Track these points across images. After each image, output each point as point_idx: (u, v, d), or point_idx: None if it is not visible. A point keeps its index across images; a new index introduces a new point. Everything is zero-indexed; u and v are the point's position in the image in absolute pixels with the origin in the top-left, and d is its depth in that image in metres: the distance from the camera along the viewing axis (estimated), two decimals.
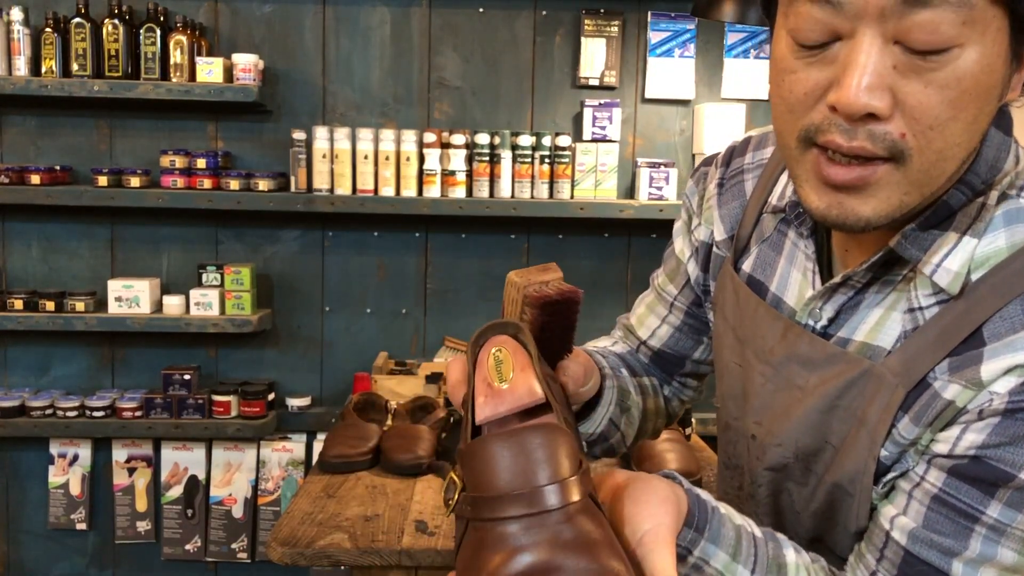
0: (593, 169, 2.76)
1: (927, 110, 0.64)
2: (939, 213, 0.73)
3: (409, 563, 1.45)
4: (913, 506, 0.73)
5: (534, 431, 0.62)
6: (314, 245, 2.89)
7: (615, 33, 2.81)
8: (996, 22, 0.63)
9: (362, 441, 1.90)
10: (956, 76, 0.64)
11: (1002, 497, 0.69)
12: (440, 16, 2.83)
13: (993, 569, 0.70)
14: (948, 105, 0.64)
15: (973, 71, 0.64)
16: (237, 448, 2.89)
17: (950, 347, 0.72)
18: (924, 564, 0.72)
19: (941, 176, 0.68)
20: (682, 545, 0.72)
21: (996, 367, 0.69)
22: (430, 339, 2.92)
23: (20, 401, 2.76)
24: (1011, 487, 0.68)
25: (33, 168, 2.66)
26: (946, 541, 0.71)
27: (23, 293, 2.71)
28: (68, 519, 2.91)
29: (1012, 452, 0.68)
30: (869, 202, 0.68)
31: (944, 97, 0.64)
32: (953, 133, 0.66)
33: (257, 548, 2.90)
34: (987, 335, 0.70)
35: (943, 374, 0.72)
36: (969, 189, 0.72)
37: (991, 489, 0.69)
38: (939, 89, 0.64)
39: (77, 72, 2.61)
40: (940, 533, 0.71)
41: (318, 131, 2.68)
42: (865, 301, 0.78)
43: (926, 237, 0.73)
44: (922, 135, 0.65)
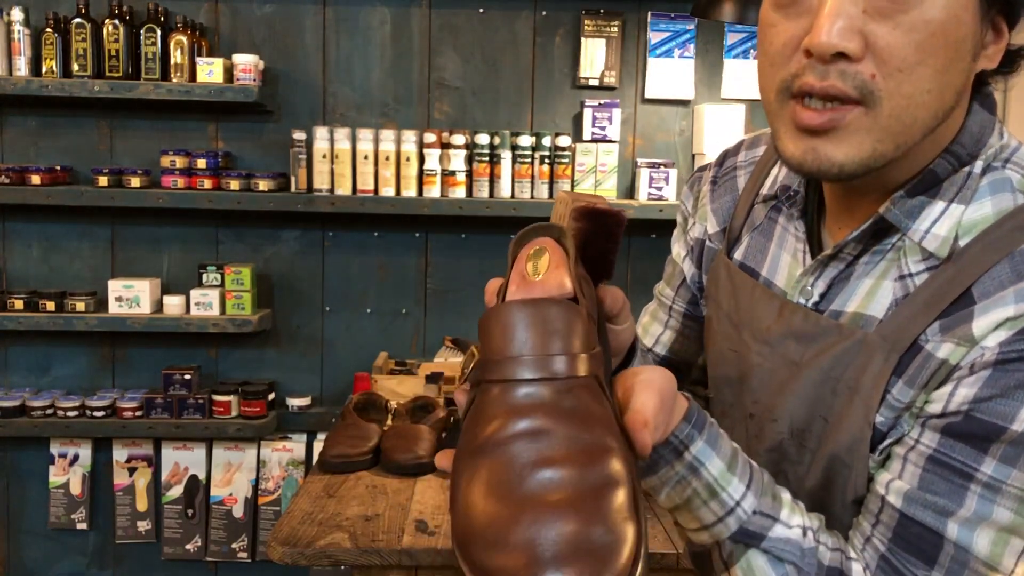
0: (593, 169, 2.76)
1: (895, 51, 0.68)
2: (926, 181, 0.76)
3: (409, 563, 1.45)
4: (908, 469, 0.74)
5: (554, 304, 0.63)
6: (314, 245, 2.89)
7: (615, 33, 2.81)
8: None
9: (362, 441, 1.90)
10: (923, 19, 0.67)
11: (995, 453, 0.69)
12: (440, 16, 2.83)
13: (990, 529, 0.70)
14: (916, 48, 0.68)
15: (939, 18, 0.68)
16: (237, 448, 2.89)
17: (940, 309, 0.73)
18: (918, 526, 0.72)
19: (913, 125, 0.71)
20: (679, 438, 0.72)
21: (987, 322, 0.71)
22: (430, 339, 2.93)
23: (20, 401, 2.76)
24: (1004, 441, 0.69)
25: (33, 168, 2.66)
26: (940, 501, 0.71)
27: (23, 293, 2.71)
28: (68, 519, 2.91)
29: (1003, 404, 0.69)
30: (841, 147, 0.71)
31: (911, 39, 0.68)
32: (921, 77, 0.69)
33: (257, 548, 2.90)
34: (977, 294, 0.72)
35: (935, 335, 0.74)
36: (955, 159, 0.76)
37: (984, 445, 0.70)
38: (906, 31, 0.68)
39: (77, 72, 2.62)
40: (935, 493, 0.71)
41: (318, 131, 2.68)
42: (856, 272, 0.80)
43: (915, 204, 0.76)
44: (891, 77, 0.69)
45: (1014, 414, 0.69)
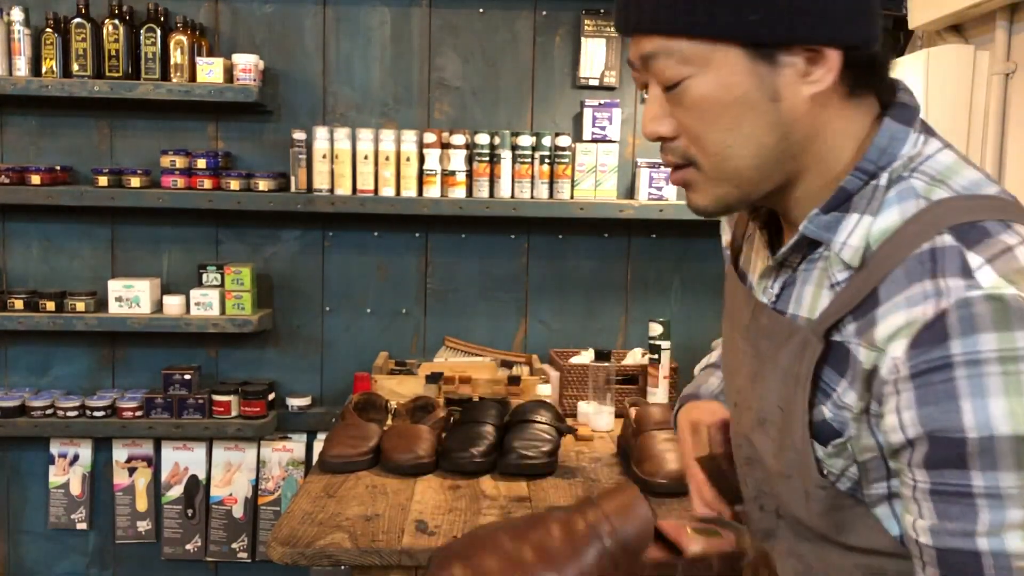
0: (593, 169, 2.76)
1: (689, 127, 0.86)
2: (838, 197, 0.85)
3: (409, 563, 1.45)
4: (923, 507, 0.78)
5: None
6: (314, 245, 2.89)
7: (615, 33, 2.81)
8: (722, 54, 0.82)
9: (362, 441, 1.90)
10: (694, 99, 0.84)
11: (975, 464, 0.74)
12: (440, 16, 2.83)
13: (1012, 529, 0.73)
14: (699, 120, 0.85)
15: (709, 92, 0.83)
16: (237, 448, 2.89)
17: (853, 306, 0.82)
18: (955, 553, 0.76)
19: (738, 171, 0.86)
20: None
21: (886, 329, 0.78)
22: (430, 339, 2.93)
23: (20, 401, 2.76)
24: (973, 452, 0.73)
25: (33, 168, 2.66)
26: (959, 525, 0.75)
27: (23, 293, 2.71)
28: (68, 519, 2.91)
29: (946, 417, 0.74)
30: (696, 196, 0.90)
31: (694, 116, 0.85)
32: (716, 140, 0.85)
33: (257, 548, 2.90)
34: (881, 296, 0.79)
35: (853, 337, 0.82)
36: (864, 173, 0.84)
37: (961, 462, 0.74)
38: (687, 111, 0.85)
39: (77, 72, 2.62)
40: (952, 519, 0.75)
41: (318, 131, 2.68)
42: (799, 279, 0.91)
43: (831, 219, 0.85)
44: (695, 144, 0.86)
45: (956, 421, 0.73)
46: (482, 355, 2.82)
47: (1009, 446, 0.72)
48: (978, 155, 2.22)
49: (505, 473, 1.82)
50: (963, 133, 2.22)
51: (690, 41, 0.83)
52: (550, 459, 1.86)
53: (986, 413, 0.73)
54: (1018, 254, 0.76)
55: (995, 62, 2.18)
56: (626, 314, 2.93)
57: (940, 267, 0.76)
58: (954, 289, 0.74)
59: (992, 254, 0.76)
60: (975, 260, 0.75)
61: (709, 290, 2.94)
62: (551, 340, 2.92)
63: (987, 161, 2.19)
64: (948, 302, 0.74)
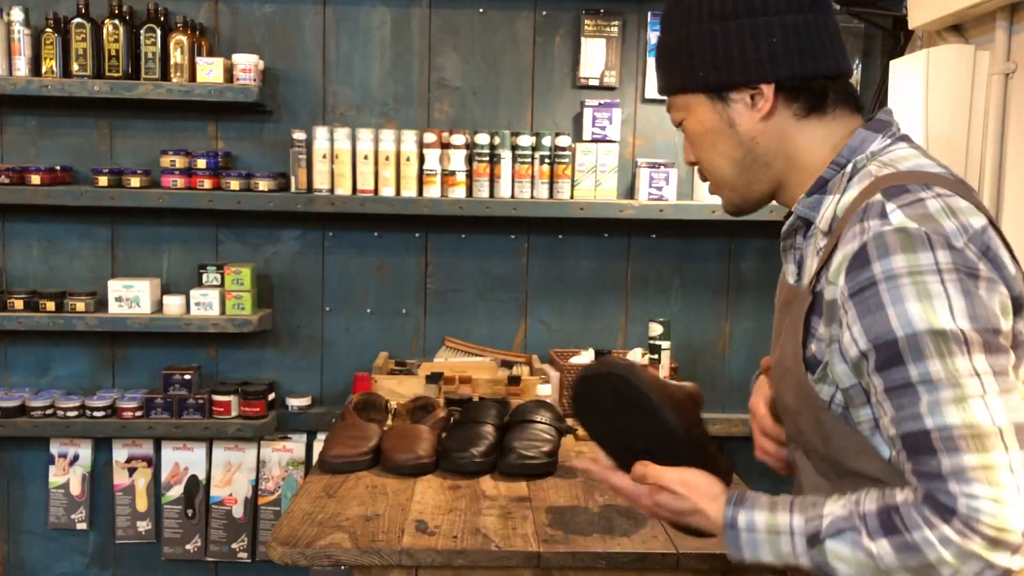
0: (593, 169, 2.76)
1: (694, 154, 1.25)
2: (818, 184, 1.15)
3: (409, 563, 1.45)
4: (885, 407, 1.00)
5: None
6: (314, 245, 2.89)
7: (615, 33, 2.81)
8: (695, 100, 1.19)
9: (362, 441, 1.90)
10: (688, 133, 1.23)
11: (907, 359, 0.97)
12: (440, 16, 2.83)
13: (948, 406, 0.95)
14: (695, 147, 1.23)
15: (693, 128, 1.21)
16: (237, 448, 2.89)
17: (824, 261, 1.08)
18: (911, 436, 0.97)
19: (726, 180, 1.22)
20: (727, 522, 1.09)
21: (834, 267, 1.04)
22: (430, 339, 2.93)
23: (20, 401, 2.76)
24: (903, 348, 0.97)
25: (33, 168, 2.66)
26: (909, 411, 0.97)
27: (23, 293, 2.71)
28: (68, 519, 2.92)
29: (878, 324, 0.98)
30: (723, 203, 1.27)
31: (693, 145, 1.24)
32: (705, 159, 1.22)
33: (257, 548, 2.90)
34: (837, 247, 1.05)
35: (824, 283, 1.07)
36: (837, 166, 1.14)
37: (898, 359, 0.97)
38: (689, 143, 1.24)
39: (77, 72, 2.62)
40: (904, 408, 0.98)
41: (318, 131, 2.68)
42: (804, 253, 1.18)
43: (813, 201, 1.15)
44: (700, 164, 1.25)
45: (887, 326, 0.98)
46: (482, 355, 2.83)
47: (929, 339, 0.96)
48: (978, 155, 2.21)
49: (505, 473, 1.82)
50: (963, 133, 2.22)
51: (676, 96, 1.21)
52: (550, 459, 1.86)
53: (906, 316, 0.97)
54: (928, 205, 1.00)
55: (995, 62, 2.18)
56: (626, 314, 2.93)
57: (867, 215, 1.02)
58: (872, 227, 1.00)
59: (904, 203, 1.01)
60: (890, 207, 1.01)
61: (709, 290, 2.94)
62: (551, 340, 2.92)
63: (987, 161, 2.19)
64: (868, 236, 1.00)
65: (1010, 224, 2.12)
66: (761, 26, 1.12)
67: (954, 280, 0.97)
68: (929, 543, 0.95)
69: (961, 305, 0.96)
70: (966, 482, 0.94)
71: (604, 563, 1.46)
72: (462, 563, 1.46)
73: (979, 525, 0.93)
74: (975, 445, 0.94)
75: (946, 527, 0.94)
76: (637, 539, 1.51)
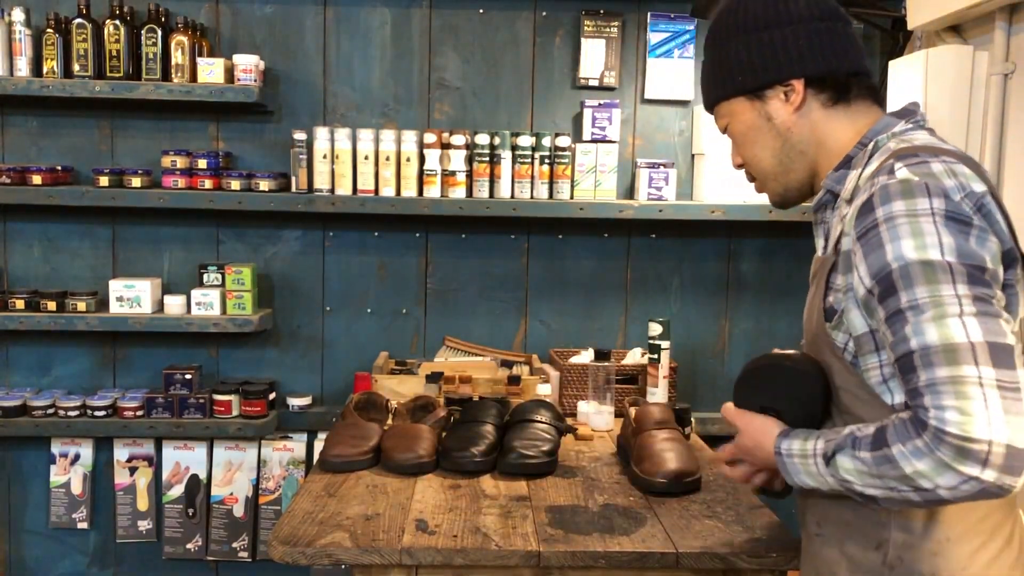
0: (593, 169, 2.76)
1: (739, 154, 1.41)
2: (844, 162, 1.29)
3: (409, 562, 1.46)
4: (886, 334, 1.12)
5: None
6: (315, 245, 2.90)
7: (615, 34, 2.82)
8: (736, 104, 1.36)
9: (363, 440, 1.90)
10: (734, 137, 1.40)
11: (899, 287, 1.09)
12: (440, 17, 2.84)
13: (929, 325, 1.06)
14: (740, 147, 1.40)
15: (737, 130, 1.38)
16: (238, 447, 2.90)
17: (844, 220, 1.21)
18: (903, 357, 1.09)
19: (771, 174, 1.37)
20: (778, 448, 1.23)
21: (849, 218, 1.18)
22: (430, 339, 2.93)
23: (22, 401, 2.77)
24: (897, 278, 1.09)
25: (35, 168, 2.67)
26: (901, 335, 1.09)
27: (25, 293, 2.71)
28: (69, 518, 2.92)
29: (879, 259, 1.12)
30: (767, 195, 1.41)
31: (739, 147, 1.40)
32: (750, 156, 1.38)
33: (258, 547, 2.91)
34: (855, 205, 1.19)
35: (845, 239, 1.19)
36: (862, 145, 1.28)
37: (893, 288, 1.10)
38: (735, 145, 1.41)
39: (78, 73, 2.62)
40: (897, 333, 1.09)
41: (319, 131, 2.69)
42: (831, 224, 1.31)
43: (839, 175, 1.29)
44: (747, 164, 1.40)
45: (883, 260, 1.11)
46: (482, 355, 2.83)
47: (918, 268, 1.08)
48: (977, 155, 2.22)
49: (505, 472, 1.83)
50: (962, 133, 2.22)
51: (720, 105, 1.38)
52: (550, 458, 1.86)
53: (899, 249, 1.09)
54: (932, 165, 1.13)
55: (994, 62, 2.18)
56: (626, 314, 2.93)
57: (879, 174, 1.16)
58: (880, 181, 1.15)
59: (911, 163, 1.14)
60: (899, 166, 1.15)
61: (708, 290, 2.94)
62: (551, 340, 2.92)
63: (986, 161, 2.19)
64: (875, 188, 1.14)
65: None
66: (789, 33, 1.30)
67: (945, 223, 1.08)
68: (903, 455, 1.05)
69: (950, 242, 1.07)
70: (936, 395, 1.03)
71: (604, 562, 1.46)
72: (462, 562, 1.46)
73: (946, 436, 1.01)
74: (947, 359, 1.04)
75: (918, 440, 1.04)
76: (637, 539, 1.51)
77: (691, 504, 1.69)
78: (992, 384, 1.01)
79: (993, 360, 1.02)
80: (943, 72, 2.22)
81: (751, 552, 1.47)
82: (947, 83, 2.21)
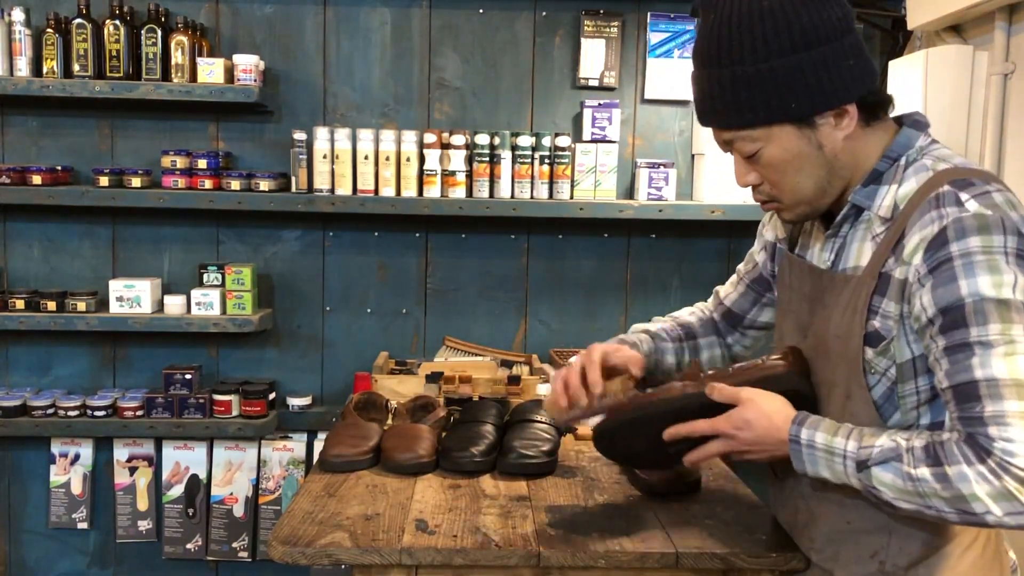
0: (593, 169, 2.76)
1: (768, 177, 1.28)
2: (873, 176, 1.26)
3: (409, 562, 1.46)
4: (942, 363, 1.14)
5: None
6: (315, 245, 2.90)
7: (615, 34, 2.82)
8: (779, 130, 1.22)
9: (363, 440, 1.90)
10: (767, 162, 1.25)
11: (970, 321, 1.10)
12: (440, 17, 2.84)
13: (998, 359, 1.09)
14: (774, 173, 1.26)
15: (776, 156, 1.24)
16: (238, 447, 2.90)
17: (891, 246, 1.21)
18: (961, 386, 1.11)
19: (806, 197, 1.27)
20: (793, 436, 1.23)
21: (909, 248, 1.17)
22: (430, 339, 2.93)
23: (22, 401, 2.77)
24: (968, 312, 1.11)
25: (35, 168, 2.67)
26: (963, 365, 1.11)
27: (25, 293, 2.71)
28: (69, 518, 2.92)
29: (948, 293, 1.12)
30: (785, 215, 1.33)
31: (769, 171, 1.26)
32: (788, 183, 1.26)
33: (258, 547, 2.91)
34: (906, 233, 1.18)
35: (893, 265, 1.20)
36: (890, 159, 1.26)
37: (962, 322, 1.11)
38: (764, 168, 1.27)
39: (78, 73, 2.62)
40: (958, 363, 1.11)
41: (319, 131, 2.69)
42: (849, 241, 1.30)
43: (869, 191, 1.26)
44: (775, 188, 1.28)
45: (956, 294, 1.12)
46: (482, 355, 2.83)
47: (992, 306, 1.10)
48: (977, 155, 2.22)
49: (505, 472, 1.83)
50: (962, 133, 2.22)
51: (754, 128, 1.22)
52: (550, 458, 1.86)
53: (975, 285, 1.11)
54: (995, 196, 1.14)
55: (994, 62, 2.18)
56: (626, 314, 2.93)
57: (942, 203, 1.15)
58: (951, 213, 1.14)
59: (976, 194, 1.14)
60: (964, 197, 1.14)
61: (708, 290, 2.92)
62: (551, 340, 2.92)
63: (986, 160, 2.19)
64: (947, 220, 1.14)
65: None
66: (837, 51, 1.19)
67: (1018, 261, 1.12)
68: (964, 477, 1.07)
69: (1023, 282, 1.11)
70: (1004, 426, 1.07)
71: (604, 562, 1.46)
72: (462, 562, 1.46)
73: (1012, 467, 1.05)
74: (1017, 394, 1.07)
75: (982, 466, 1.07)
76: (637, 539, 1.51)
77: (691, 504, 1.69)
78: None
79: None
80: (943, 72, 2.22)
81: (751, 552, 1.47)
82: (947, 83, 2.21)
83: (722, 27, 1.20)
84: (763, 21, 1.18)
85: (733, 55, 1.20)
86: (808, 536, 1.40)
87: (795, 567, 1.43)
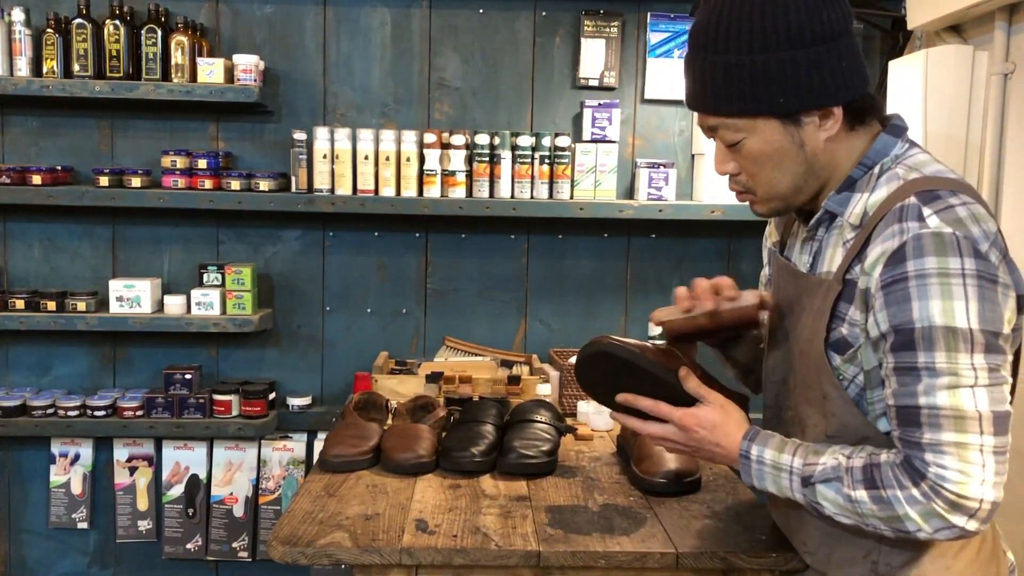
0: (593, 169, 2.76)
1: (747, 168, 1.29)
2: (847, 183, 1.27)
3: (409, 562, 1.46)
4: (891, 380, 1.17)
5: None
6: (315, 245, 2.90)
7: (615, 34, 2.82)
8: (763, 123, 1.23)
9: (363, 440, 1.90)
10: (748, 153, 1.27)
11: (919, 347, 1.12)
12: (440, 17, 2.84)
13: (942, 390, 1.11)
14: (753, 165, 1.27)
15: (757, 148, 1.26)
16: (238, 447, 2.90)
17: (855, 253, 1.22)
18: (905, 408, 1.15)
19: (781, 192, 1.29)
20: (744, 451, 1.29)
21: (871, 259, 1.18)
22: (430, 339, 2.93)
23: (22, 401, 2.77)
24: (918, 337, 1.12)
25: (35, 168, 2.67)
26: (910, 388, 1.14)
27: (25, 293, 2.71)
28: (69, 518, 2.92)
29: (902, 313, 1.13)
30: (758, 208, 1.34)
31: (749, 162, 1.28)
32: (766, 176, 1.28)
33: (258, 547, 2.91)
34: (871, 241, 1.19)
35: (859, 273, 1.20)
36: (865, 167, 1.26)
37: (911, 345, 1.13)
38: (745, 159, 1.28)
39: (78, 73, 2.62)
40: (906, 385, 1.14)
41: (319, 131, 2.69)
42: (824, 245, 1.31)
43: (842, 198, 1.27)
44: (752, 179, 1.30)
45: (908, 316, 1.13)
46: (482, 355, 2.83)
47: (940, 334, 1.11)
48: (977, 154, 2.22)
49: (505, 472, 1.83)
50: (962, 133, 2.22)
51: (739, 118, 1.23)
52: (550, 458, 1.86)
53: (927, 310, 1.11)
54: (958, 211, 1.13)
55: (994, 62, 2.18)
56: (626, 314, 2.93)
57: (904, 216, 1.15)
58: (911, 228, 1.14)
59: (939, 208, 1.14)
60: (927, 211, 1.14)
61: None
62: (551, 340, 2.92)
63: (986, 161, 2.19)
64: (907, 236, 1.14)
65: (1010, 223, 2.13)
66: (831, 52, 1.20)
67: (975, 285, 1.11)
68: (898, 500, 1.14)
69: (976, 308, 1.11)
70: (940, 454, 1.11)
71: (604, 562, 1.46)
72: (462, 562, 1.46)
73: (943, 491, 1.11)
74: (955, 425, 1.11)
75: (915, 489, 1.12)
76: (637, 539, 1.51)
77: (691, 504, 1.69)
78: (990, 451, 1.10)
79: (995, 429, 1.11)
80: (943, 72, 2.22)
81: (751, 552, 1.47)
82: (947, 83, 2.21)
83: (722, 14, 1.21)
84: (763, 14, 1.19)
85: (729, 43, 1.20)
86: (801, 539, 1.41)
87: (795, 567, 1.44)
